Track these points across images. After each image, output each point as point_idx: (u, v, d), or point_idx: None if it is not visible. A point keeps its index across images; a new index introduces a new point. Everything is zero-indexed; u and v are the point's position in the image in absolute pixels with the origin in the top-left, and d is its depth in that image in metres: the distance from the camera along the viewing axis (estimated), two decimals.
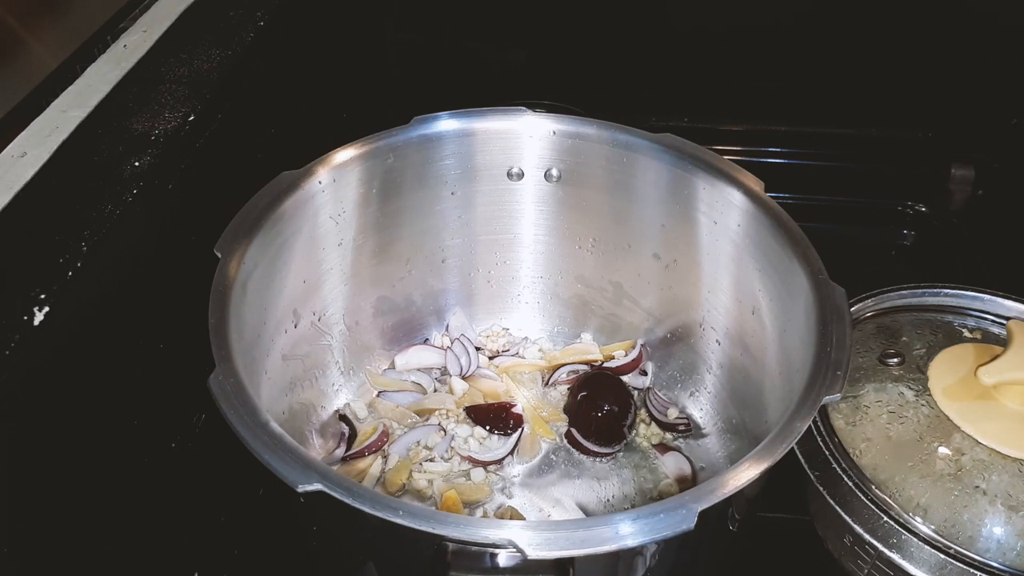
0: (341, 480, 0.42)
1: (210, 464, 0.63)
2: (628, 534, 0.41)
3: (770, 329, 0.61)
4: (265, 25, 0.75)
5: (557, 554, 0.41)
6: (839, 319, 0.53)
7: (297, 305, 0.64)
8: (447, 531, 0.41)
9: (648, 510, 0.42)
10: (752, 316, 0.64)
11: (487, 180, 0.71)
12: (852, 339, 0.52)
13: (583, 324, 0.79)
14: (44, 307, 0.46)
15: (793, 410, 0.48)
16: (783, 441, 0.46)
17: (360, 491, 0.42)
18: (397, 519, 0.41)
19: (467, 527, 0.41)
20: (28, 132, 0.59)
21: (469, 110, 0.68)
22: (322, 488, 0.42)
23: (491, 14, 1.03)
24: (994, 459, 0.55)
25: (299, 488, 0.42)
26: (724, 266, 0.66)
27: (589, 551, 0.41)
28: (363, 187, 0.66)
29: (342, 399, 0.72)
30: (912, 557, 0.53)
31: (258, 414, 0.46)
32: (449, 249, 0.74)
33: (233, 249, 0.55)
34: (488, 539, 0.41)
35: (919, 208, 1.01)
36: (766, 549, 0.64)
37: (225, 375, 0.48)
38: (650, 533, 0.41)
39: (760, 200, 0.61)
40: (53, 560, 0.48)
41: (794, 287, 0.57)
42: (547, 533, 0.41)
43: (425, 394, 0.74)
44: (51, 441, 0.49)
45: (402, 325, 0.76)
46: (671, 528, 0.41)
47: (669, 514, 0.42)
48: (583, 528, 0.41)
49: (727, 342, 0.68)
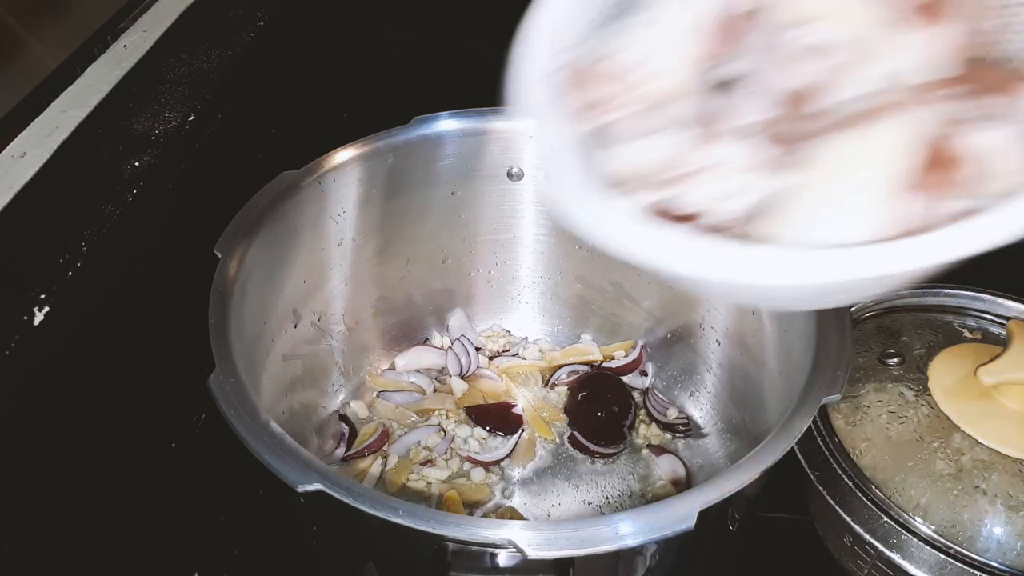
0: (341, 480, 0.42)
1: (210, 464, 0.63)
2: (628, 534, 0.41)
3: (770, 329, 0.61)
4: (265, 25, 0.75)
5: (557, 554, 0.41)
6: (839, 319, 0.53)
7: (297, 305, 0.64)
8: (447, 531, 0.41)
9: (648, 510, 0.42)
10: (752, 316, 0.64)
11: (487, 180, 0.71)
12: (852, 339, 0.52)
13: (583, 324, 0.79)
14: (44, 307, 0.46)
15: (793, 410, 0.48)
16: (783, 441, 0.46)
17: (360, 491, 0.42)
18: (397, 519, 0.41)
19: (467, 527, 0.41)
20: (28, 132, 0.59)
21: (469, 110, 0.68)
22: (322, 488, 0.42)
23: (491, 14, 1.03)
24: (994, 459, 0.55)
25: (299, 488, 0.42)
26: None
27: (589, 551, 0.41)
28: (363, 187, 0.66)
29: (342, 399, 0.72)
30: (912, 557, 0.53)
31: (258, 414, 0.46)
32: (449, 249, 0.74)
33: (233, 249, 0.55)
34: (488, 539, 0.41)
35: None
36: (766, 549, 0.64)
37: (225, 375, 0.48)
38: (650, 533, 0.41)
39: None
40: (53, 560, 0.48)
41: None
42: (547, 533, 0.41)
43: (425, 395, 0.74)
44: (51, 441, 0.49)
45: (402, 325, 0.76)
46: (671, 527, 0.41)
47: (669, 514, 0.42)
48: (583, 528, 0.41)
49: (727, 342, 0.68)
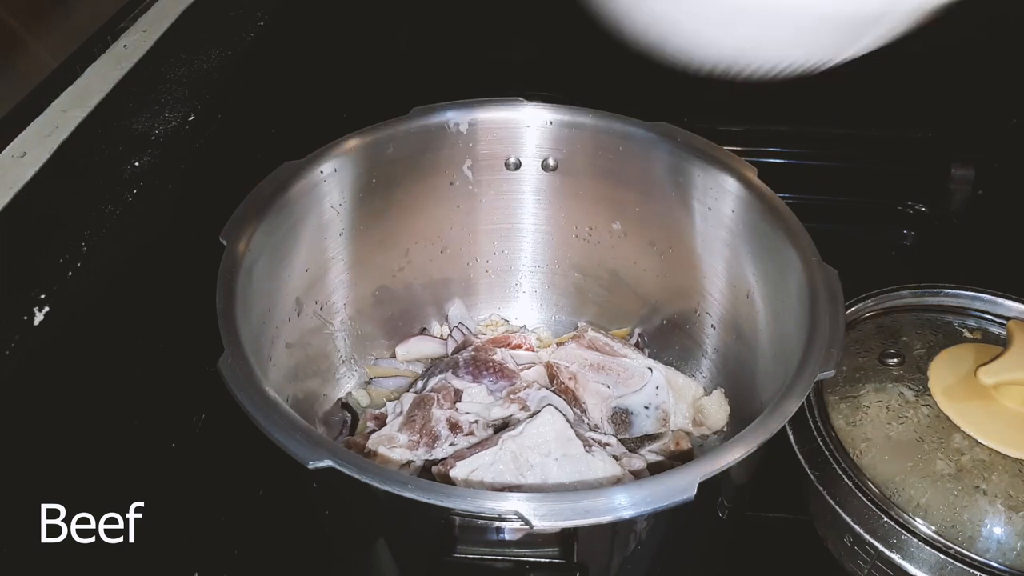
0: (350, 456, 0.43)
1: (210, 464, 0.63)
2: (631, 504, 0.42)
3: (764, 313, 0.62)
4: (265, 25, 0.75)
5: (562, 524, 0.42)
6: (832, 298, 0.54)
7: (300, 294, 0.64)
8: (454, 503, 0.42)
9: (650, 481, 0.44)
10: (746, 300, 0.64)
11: (485, 170, 0.71)
12: (845, 318, 0.53)
13: (580, 312, 0.79)
14: (44, 307, 0.46)
15: (789, 385, 0.49)
16: (778, 417, 0.47)
17: (369, 466, 0.43)
18: (405, 492, 0.42)
19: (473, 499, 0.42)
20: (28, 132, 0.59)
21: (467, 100, 0.69)
22: (332, 464, 0.43)
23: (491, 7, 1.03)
24: (994, 459, 0.55)
25: (310, 465, 0.43)
26: (718, 252, 0.66)
27: (594, 520, 0.42)
28: (364, 177, 0.66)
29: (345, 387, 0.72)
30: (912, 557, 0.53)
31: (267, 395, 0.47)
32: (448, 239, 0.75)
33: (239, 236, 0.56)
34: (494, 511, 0.42)
35: (919, 208, 1.01)
36: (767, 549, 0.64)
37: (234, 358, 0.48)
38: (652, 503, 0.42)
39: (753, 186, 0.62)
40: (53, 560, 0.48)
41: (787, 270, 0.58)
42: (552, 504, 0.42)
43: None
44: (51, 441, 0.49)
45: (402, 315, 0.76)
46: (672, 497, 0.42)
47: (670, 484, 0.43)
48: (588, 498, 0.42)
49: (722, 327, 0.69)
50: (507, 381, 0.68)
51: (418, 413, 0.63)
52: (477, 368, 0.68)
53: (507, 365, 0.69)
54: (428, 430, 0.62)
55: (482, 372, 0.68)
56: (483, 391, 0.66)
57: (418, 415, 0.63)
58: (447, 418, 0.63)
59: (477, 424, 0.63)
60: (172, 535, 0.59)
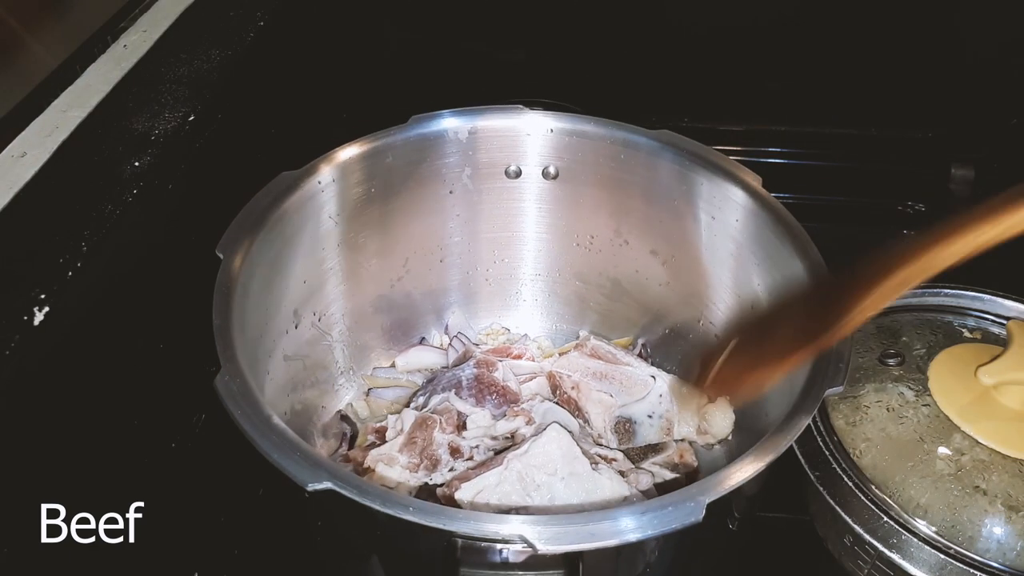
0: (350, 478, 0.43)
1: (210, 464, 0.63)
2: (637, 527, 0.41)
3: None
4: (265, 25, 0.75)
5: (567, 548, 0.41)
6: None
7: (298, 305, 0.64)
8: (457, 526, 0.41)
9: (656, 503, 0.42)
10: (751, 311, 0.64)
11: (485, 178, 0.71)
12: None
13: (582, 321, 0.78)
14: (44, 307, 0.46)
15: (796, 403, 0.48)
16: (787, 434, 0.46)
17: (370, 489, 0.42)
18: (407, 516, 0.41)
19: (477, 522, 0.41)
20: (28, 132, 0.59)
21: (467, 108, 0.68)
22: (332, 487, 0.42)
23: (489, 13, 1.03)
24: (994, 459, 0.55)
25: (309, 487, 0.42)
26: (723, 261, 0.66)
27: (599, 544, 0.41)
28: (362, 186, 0.66)
29: (344, 398, 0.72)
30: (912, 557, 0.53)
31: (265, 414, 0.46)
32: (448, 248, 0.74)
33: (235, 250, 0.55)
34: (498, 534, 0.41)
35: (919, 208, 1.01)
36: (766, 549, 0.64)
37: (231, 375, 0.48)
38: (659, 526, 0.41)
39: (759, 196, 0.62)
40: (53, 560, 0.48)
41: (794, 282, 0.57)
42: (557, 527, 0.41)
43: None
44: (51, 441, 0.49)
45: (401, 324, 0.76)
46: (680, 520, 0.41)
47: (677, 507, 0.42)
48: (593, 521, 0.41)
49: (726, 337, 0.67)
50: (510, 406, 0.67)
51: (419, 435, 0.62)
52: (480, 391, 0.67)
53: (510, 387, 0.68)
54: (429, 454, 0.61)
55: (485, 396, 0.67)
56: (486, 416, 0.66)
57: (419, 437, 0.62)
58: (448, 443, 0.62)
59: (478, 449, 0.63)
60: (172, 535, 0.59)
